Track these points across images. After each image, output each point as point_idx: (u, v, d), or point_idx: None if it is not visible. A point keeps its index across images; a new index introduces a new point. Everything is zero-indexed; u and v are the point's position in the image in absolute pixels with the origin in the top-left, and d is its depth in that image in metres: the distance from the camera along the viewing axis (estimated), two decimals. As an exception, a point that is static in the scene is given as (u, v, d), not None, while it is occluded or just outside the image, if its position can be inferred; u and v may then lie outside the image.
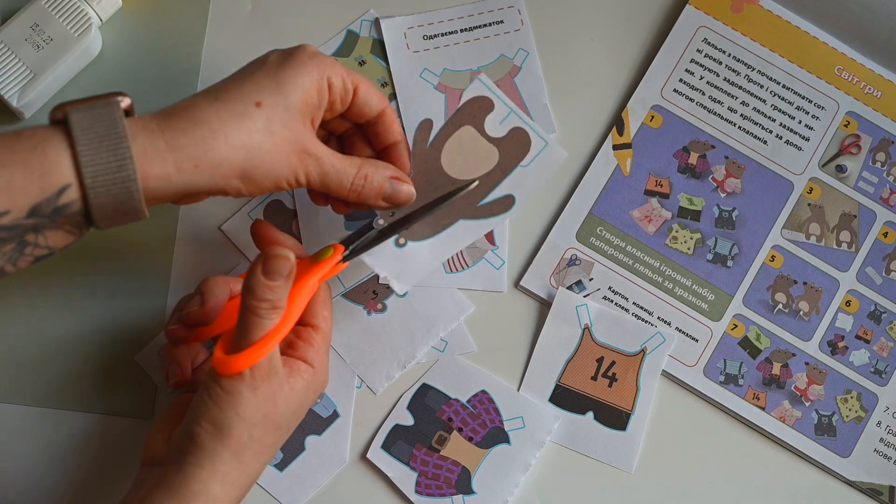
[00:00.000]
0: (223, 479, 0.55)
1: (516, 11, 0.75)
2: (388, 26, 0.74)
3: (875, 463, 0.70)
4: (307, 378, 0.59)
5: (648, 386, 0.70)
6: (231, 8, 0.75)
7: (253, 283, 0.55)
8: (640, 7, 0.76)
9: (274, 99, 0.58)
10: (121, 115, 0.54)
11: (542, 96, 0.74)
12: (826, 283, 0.72)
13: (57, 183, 0.53)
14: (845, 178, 0.74)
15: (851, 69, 0.75)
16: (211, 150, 0.56)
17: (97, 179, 0.53)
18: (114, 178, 0.53)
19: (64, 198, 0.53)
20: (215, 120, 0.56)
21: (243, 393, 0.56)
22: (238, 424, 0.56)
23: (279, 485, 0.68)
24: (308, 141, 0.59)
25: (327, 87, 0.61)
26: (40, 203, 0.53)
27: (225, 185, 0.57)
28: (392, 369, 0.70)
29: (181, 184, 0.56)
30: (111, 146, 0.53)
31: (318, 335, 0.61)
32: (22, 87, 0.69)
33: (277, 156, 0.58)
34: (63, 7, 0.70)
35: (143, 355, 0.70)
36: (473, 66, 0.74)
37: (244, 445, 0.56)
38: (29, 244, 0.54)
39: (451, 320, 0.71)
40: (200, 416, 0.56)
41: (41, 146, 0.53)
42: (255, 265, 0.55)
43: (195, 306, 0.61)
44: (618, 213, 0.72)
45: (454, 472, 0.68)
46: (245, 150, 0.57)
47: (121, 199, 0.54)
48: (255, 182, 0.58)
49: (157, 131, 0.55)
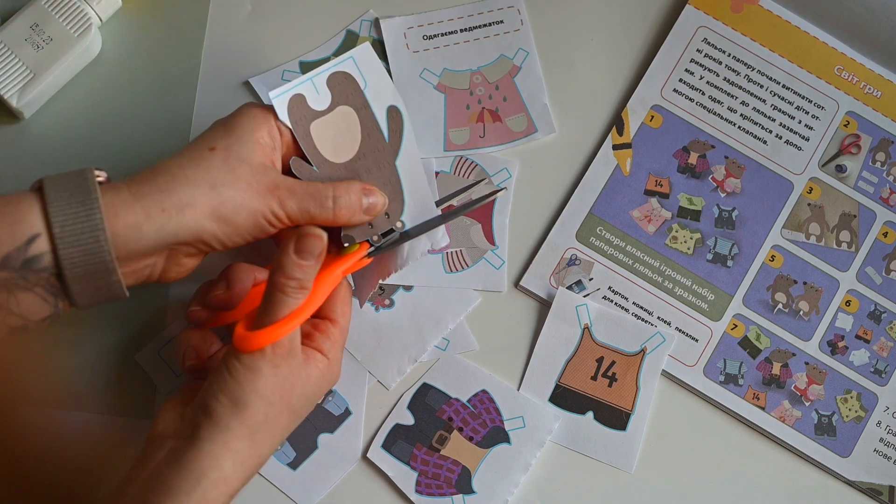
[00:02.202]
0: (234, 456, 0.56)
1: (516, 11, 0.75)
2: (387, 27, 0.74)
3: (875, 463, 0.70)
4: (322, 368, 0.60)
5: (648, 386, 0.70)
6: (231, 8, 0.75)
7: (284, 261, 0.56)
8: (640, 7, 0.76)
9: (226, 142, 0.60)
10: (92, 177, 0.56)
11: (542, 96, 0.74)
12: (826, 283, 0.72)
13: (27, 232, 0.54)
14: (845, 177, 0.74)
15: (851, 69, 0.75)
16: (175, 192, 0.57)
17: (66, 228, 0.54)
18: (82, 227, 0.54)
19: (34, 248, 0.54)
20: (175, 167, 0.58)
21: (263, 370, 0.56)
22: (255, 401, 0.56)
23: (293, 483, 0.68)
24: (273, 175, 0.60)
25: (277, 130, 0.62)
26: (9, 254, 0.54)
27: (199, 228, 0.58)
28: (403, 364, 0.70)
29: (153, 232, 0.56)
30: (80, 198, 0.55)
31: (335, 329, 0.62)
32: (22, 87, 0.69)
33: (244, 189, 0.59)
34: (63, 7, 0.70)
35: (143, 355, 0.69)
36: (473, 66, 0.74)
37: (259, 424, 0.56)
38: (1, 308, 0.55)
39: (458, 312, 0.71)
40: (218, 391, 0.56)
41: (14, 201, 0.55)
42: (287, 243, 0.56)
43: (221, 290, 0.62)
44: (618, 213, 0.72)
45: (454, 472, 0.68)
46: (209, 186, 0.58)
47: (90, 248, 0.55)
48: (230, 221, 0.58)
49: (123, 186, 0.57)
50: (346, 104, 0.65)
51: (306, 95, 0.64)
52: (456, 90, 0.74)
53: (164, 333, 0.70)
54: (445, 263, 0.71)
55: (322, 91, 0.65)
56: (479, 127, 0.74)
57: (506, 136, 0.74)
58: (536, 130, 0.74)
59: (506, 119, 0.74)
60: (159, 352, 0.69)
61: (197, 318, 0.63)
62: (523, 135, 0.74)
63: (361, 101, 0.65)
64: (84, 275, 0.55)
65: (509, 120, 0.74)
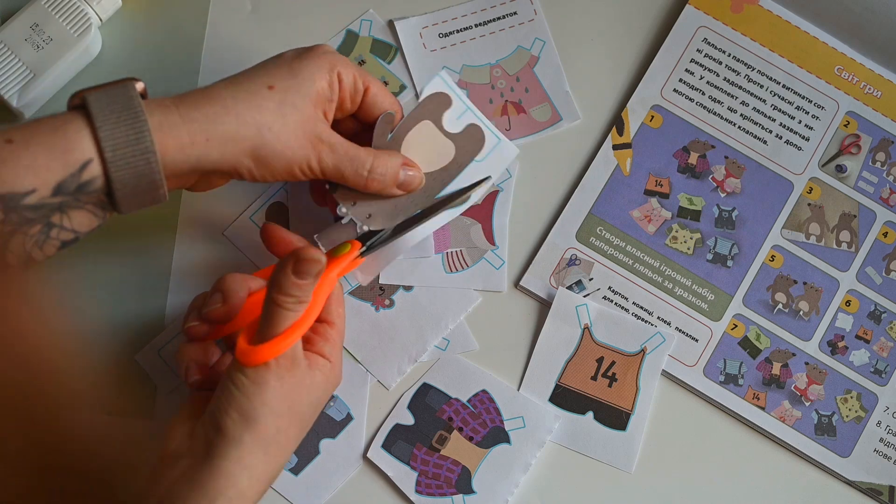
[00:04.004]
0: (250, 472, 0.56)
1: (528, 2, 0.75)
2: (402, 27, 0.74)
3: (875, 463, 0.70)
4: (325, 372, 0.60)
5: (648, 386, 0.70)
6: (231, 8, 0.75)
7: (282, 280, 0.56)
8: (640, 7, 0.76)
9: (286, 84, 0.60)
10: (136, 94, 0.57)
11: (564, 84, 0.74)
12: (826, 283, 0.72)
13: (80, 159, 0.55)
14: (845, 177, 0.74)
15: (851, 69, 0.75)
16: (222, 125, 0.58)
17: (117, 153, 0.55)
18: (133, 151, 0.55)
19: (86, 173, 0.55)
20: (228, 98, 0.59)
21: (270, 382, 0.56)
22: (265, 414, 0.56)
23: (295, 489, 0.68)
24: (321, 128, 0.61)
25: (338, 82, 0.63)
26: (64, 180, 0.54)
27: (236, 162, 0.59)
28: (403, 364, 0.70)
29: (194, 157, 0.58)
30: (128, 120, 0.55)
31: (333, 331, 0.62)
32: (22, 87, 0.69)
33: (289, 137, 0.60)
34: (63, 7, 0.70)
35: (143, 355, 0.70)
36: (492, 59, 0.74)
37: (271, 438, 0.56)
38: (55, 226, 0.56)
39: (458, 312, 0.71)
40: (228, 406, 0.56)
41: (62, 128, 0.55)
42: (285, 263, 0.56)
43: (217, 304, 0.61)
44: (618, 213, 0.72)
45: (454, 472, 0.68)
46: (256, 128, 0.59)
47: (140, 171, 0.56)
48: (267, 164, 0.60)
49: (172, 107, 0.58)
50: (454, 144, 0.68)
51: (452, 108, 0.68)
52: (477, 85, 0.74)
53: (164, 333, 0.70)
54: (445, 263, 0.71)
55: (460, 118, 0.68)
56: (505, 120, 0.74)
57: (531, 127, 0.74)
58: (561, 119, 0.74)
59: (530, 110, 0.74)
60: (159, 352, 0.69)
61: (195, 334, 0.62)
62: (548, 124, 0.74)
63: (465, 160, 0.68)
64: (133, 193, 0.57)
65: (533, 111, 0.74)
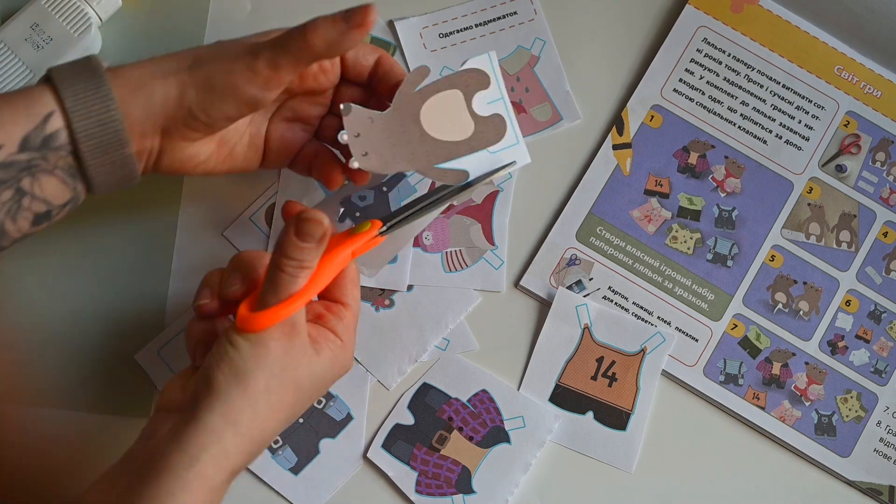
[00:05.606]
0: (235, 429, 0.55)
1: (528, 1, 0.75)
2: (402, 28, 0.74)
3: (875, 463, 0.70)
4: (334, 349, 0.60)
5: (648, 386, 0.70)
6: (231, 8, 0.75)
7: (284, 242, 0.56)
8: (640, 7, 0.76)
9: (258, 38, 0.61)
10: (96, 57, 0.58)
11: (564, 83, 0.74)
12: (826, 283, 0.72)
13: (42, 111, 0.56)
14: (845, 177, 0.74)
15: (851, 69, 0.75)
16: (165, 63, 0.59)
17: (77, 101, 0.56)
18: (93, 98, 0.57)
19: (50, 125, 0.56)
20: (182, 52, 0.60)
21: (266, 343, 0.56)
22: (256, 371, 0.56)
23: (295, 489, 0.68)
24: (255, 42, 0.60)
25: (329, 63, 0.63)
26: (29, 134, 0.56)
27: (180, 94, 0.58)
28: (404, 364, 0.70)
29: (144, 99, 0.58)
30: (86, 74, 0.57)
31: (347, 312, 0.61)
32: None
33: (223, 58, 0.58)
34: (63, 7, 0.70)
35: (143, 354, 0.70)
36: None
37: (260, 394, 0.56)
38: (26, 193, 0.56)
39: (458, 312, 0.71)
40: (220, 361, 0.56)
41: (26, 91, 0.57)
42: (288, 225, 0.56)
43: (235, 284, 0.60)
44: (618, 213, 0.72)
45: (454, 472, 0.68)
46: (192, 59, 0.59)
47: (103, 119, 0.57)
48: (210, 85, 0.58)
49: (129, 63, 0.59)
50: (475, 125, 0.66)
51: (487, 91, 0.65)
52: None
53: (164, 333, 0.70)
54: (445, 263, 0.71)
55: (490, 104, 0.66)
56: None
57: (532, 127, 0.74)
58: (562, 118, 0.74)
59: (530, 110, 0.74)
60: (159, 352, 0.70)
61: (207, 311, 0.61)
62: (549, 124, 0.74)
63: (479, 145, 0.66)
64: (98, 148, 0.57)
65: (534, 110, 0.74)
